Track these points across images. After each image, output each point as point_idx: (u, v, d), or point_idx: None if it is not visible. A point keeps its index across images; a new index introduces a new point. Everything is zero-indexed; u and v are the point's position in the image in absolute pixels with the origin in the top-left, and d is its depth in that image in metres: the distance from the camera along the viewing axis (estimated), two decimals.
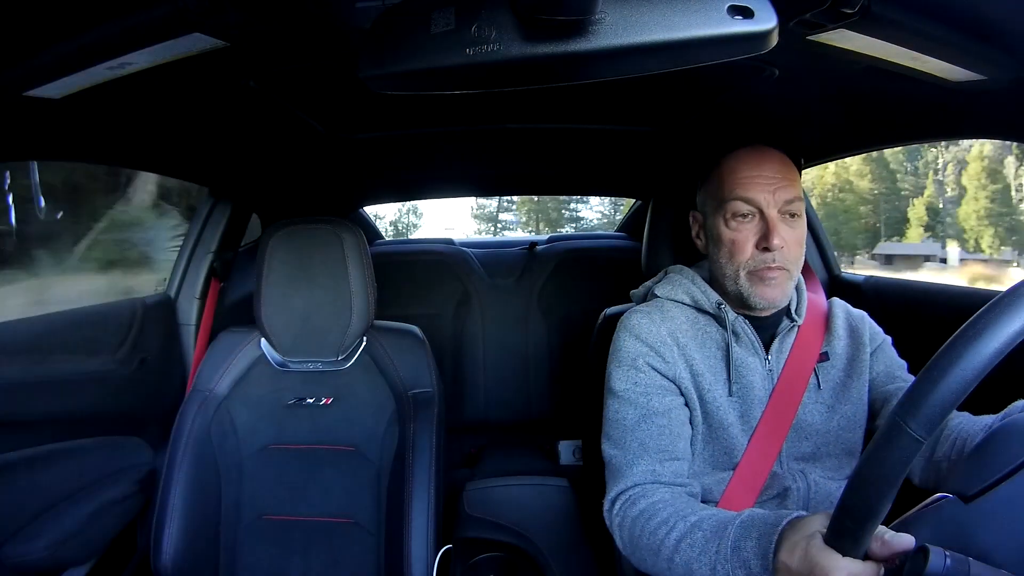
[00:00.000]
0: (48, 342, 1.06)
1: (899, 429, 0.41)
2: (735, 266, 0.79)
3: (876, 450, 0.43)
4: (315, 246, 1.08)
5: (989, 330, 0.39)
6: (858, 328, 0.87)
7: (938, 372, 0.40)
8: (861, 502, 0.43)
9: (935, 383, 0.40)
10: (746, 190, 0.78)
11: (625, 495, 0.76)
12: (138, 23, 0.59)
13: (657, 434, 0.78)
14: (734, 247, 0.79)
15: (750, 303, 0.80)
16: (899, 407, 0.42)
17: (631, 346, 0.83)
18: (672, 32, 0.46)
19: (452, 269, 2.09)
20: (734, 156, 0.81)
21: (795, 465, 0.80)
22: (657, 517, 0.70)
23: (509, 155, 1.53)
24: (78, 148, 0.97)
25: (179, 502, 1.02)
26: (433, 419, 1.05)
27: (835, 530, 0.47)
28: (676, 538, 0.66)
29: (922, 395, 0.41)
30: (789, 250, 0.78)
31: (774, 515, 0.59)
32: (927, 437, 0.40)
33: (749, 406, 0.80)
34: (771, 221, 0.77)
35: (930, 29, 0.61)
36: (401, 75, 0.50)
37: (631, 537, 0.73)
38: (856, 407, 0.82)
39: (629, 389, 0.81)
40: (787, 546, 0.53)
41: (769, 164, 0.79)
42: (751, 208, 0.78)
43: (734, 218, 0.79)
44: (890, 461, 0.41)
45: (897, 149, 9.34)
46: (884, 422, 0.43)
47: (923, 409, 0.40)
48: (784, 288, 0.79)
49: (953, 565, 0.39)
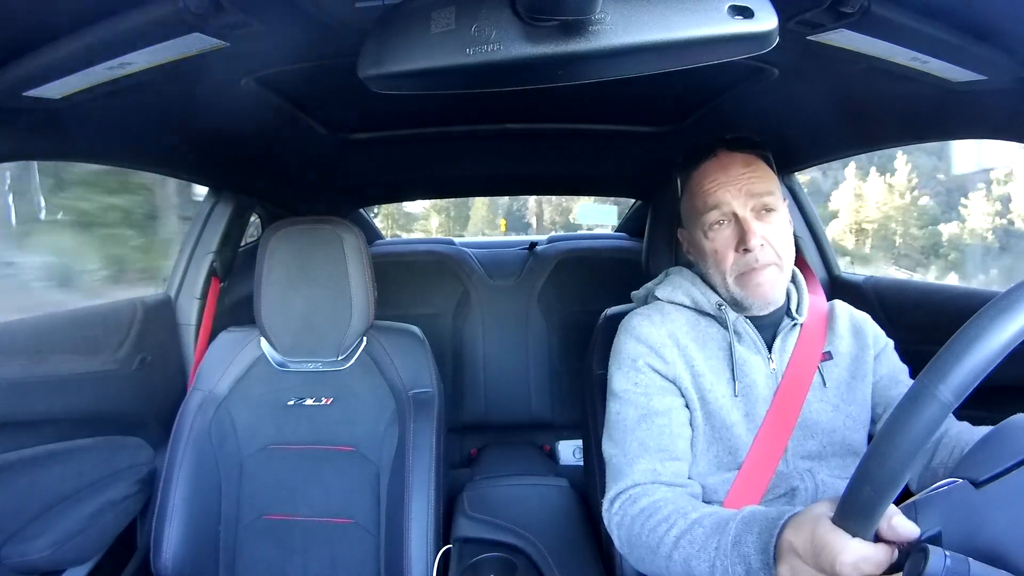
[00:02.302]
0: (48, 342, 1.06)
1: (928, 393, 0.40)
2: (721, 274, 0.81)
3: (902, 414, 0.41)
4: (315, 246, 1.08)
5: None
6: (862, 329, 0.87)
7: (969, 338, 0.40)
8: (883, 468, 0.42)
9: (967, 348, 0.39)
10: (714, 198, 0.79)
11: (625, 494, 0.76)
12: (138, 23, 0.59)
13: (657, 434, 0.78)
14: (716, 256, 0.80)
15: (745, 305, 0.81)
16: (927, 373, 0.41)
17: (631, 347, 0.83)
18: (672, 32, 0.46)
19: (452, 269, 2.09)
20: (699, 170, 0.83)
21: (802, 464, 0.80)
22: (658, 515, 0.70)
23: (509, 155, 1.53)
24: (78, 148, 0.97)
25: (179, 502, 1.02)
26: (433, 419, 1.05)
27: (847, 506, 0.46)
28: (676, 535, 0.66)
29: (953, 359, 0.40)
30: (771, 246, 0.78)
31: (776, 511, 0.59)
32: (955, 403, 0.39)
33: (753, 405, 0.80)
34: (744, 222, 0.77)
35: (930, 29, 0.61)
36: (401, 75, 0.50)
37: (630, 536, 0.73)
38: (860, 408, 0.82)
39: (629, 390, 0.81)
40: (792, 526, 0.52)
41: (732, 166, 0.80)
42: (723, 214, 0.79)
43: (711, 228, 0.80)
44: (917, 426, 0.40)
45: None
46: (909, 388, 0.42)
47: (953, 373, 0.39)
48: (776, 284, 0.80)
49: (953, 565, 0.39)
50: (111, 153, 1.05)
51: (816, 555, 0.47)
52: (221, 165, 1.30)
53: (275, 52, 0.74)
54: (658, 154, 1.44)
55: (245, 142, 1.19)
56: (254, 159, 1.33)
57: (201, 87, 0.83)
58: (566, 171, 1.78)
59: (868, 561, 0.44)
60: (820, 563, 0.47)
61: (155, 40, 0.62)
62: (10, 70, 0.65)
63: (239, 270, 1.52)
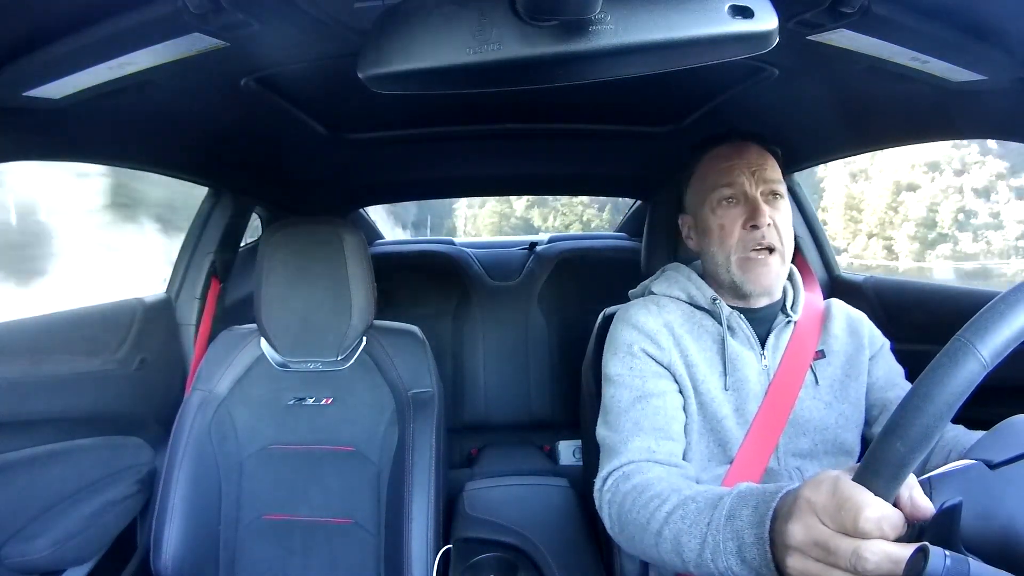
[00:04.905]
0: (48, 342, 1.06)
1: (967, 349, 0.39)
2: (726, 252, 0.82)
3: (940, 367, 0.40)
4: (315, 246, 1.08)
5: None
6: (858, 330, 0.87)
7: (1013, 301, 0.40)
8: (916, 424, 0.40)
9: (1007, 312, 0.39)
10: (728, 176, 0.81)
11: (619, 471, 0.74)
12: (138, 23, 0.59)
13: (652, 414, 0.78)
14: (722, 232, 0.81)
15: (744, 291, 0.82)
16: (967, 329, 0.40)
17: (626, 334, 0.84)
18: (672, 32, 0.46)
19: (452, 269, 2.09)
20: (713, 151, 0.85)
21: (792, 461, 0.80)
22: (650, 491, 0.67)
23: (509, 155, 1.53)
24: (78, 148, 0.97)
25: (179, 502, 1.02)
26: (433, 419, 1.05)
27: (874, 462, 0.43)
28: (668, 510, 0.63)
29: (993, 320, 0.40)
30: (777, 229, 0.80)
31: (774, 486, 0.56)
32: (990, 365, 0.39)
33: (744, 400, 0.80)
34: (755, 201, 0.80)
35: (930, 29, 0.61)
36: (401, 75, 0.50)
37: (620, 513, 0.70)
38: (854, 407, 0.82)
39: (624, 374, 0.82)
40: (811, 484, 0.48)
41: (747, 152, 0.83)
42: (734, 192, 0.81)
43: (719, 205, 0.82)
44: (954, 381, 0.39)
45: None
46: (948, 345, 0.41)
47: (992, 334, 0.39)
48: (777, 273, 0.81)
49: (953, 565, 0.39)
50: (111, 153, 1.05)
51: (837, 510, 0.44)
52: (221, 165, 1.30)
53: (275, 52, 0.74)
54: (658, 154, 1.44)
55: (245, 142, 1.19)
56: (254, 159, 1.33)
57: (201, 87, 0.83)
58: (566, 171, 1.78)
59: (888, 521, 0.42)
60: (842, 518, 0.43)
61: (155, 40, 0.62)
62: (10, 70, 0.65)
63: (239, 270, 1.53)
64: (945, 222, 14.67)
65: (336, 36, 0.68)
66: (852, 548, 0.43)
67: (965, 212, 14.64)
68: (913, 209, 14.96)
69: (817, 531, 0.46)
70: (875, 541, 0.42)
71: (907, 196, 15.15)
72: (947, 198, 14.91)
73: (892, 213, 15.06)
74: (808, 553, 0.47)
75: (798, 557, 0.48)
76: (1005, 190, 14.49)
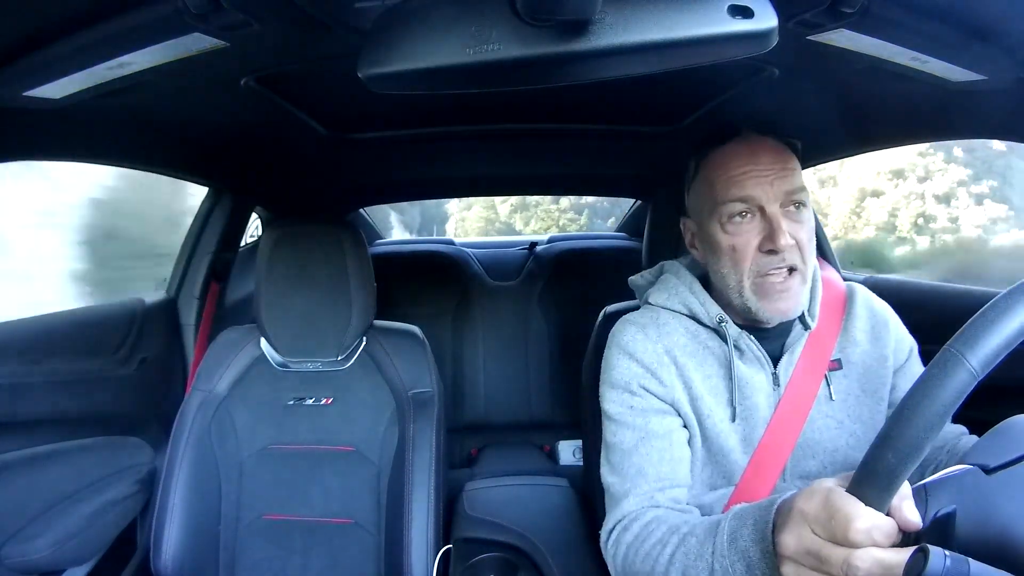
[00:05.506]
0: (48, 342, 1.06)
1: (956, 360, 0.39)
2: (739, 275, 0.71)
3: (929, 379, 0.40)
4: (315, 246, 1.08)
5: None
6: (881, 334, 0.77)
7: (1002, 308, 0.39)
8: (907, 435, 0.40)
9: (996, 320, 0.39)
10: (741, 187, 0.69)
11: (620, 524, 0.72)
12: (138, 23, 0.59)
13: (657, 459, 0.73)
14: (735, 253, 0.70)
15: (759, 318, 0.72)
16: (956, 340, 0.40)
17: (625, 367, 0.77)
18: (672, 32, 0.46)
19: (452, 269, 2.09)
20: (721, 152, 0.73)
21: (800, 484, 0.74)
22: (651, 539, 0.66)
23: (509, 155, 1.53)
24: (78, 148, 0.97)
25: (179, 502, 1.02)
26: (433, 419, 1.05)
27: (866, 473, 0.44)
28: (670, 553, 0.62)
29: (982, 330, 0.39)
30: (799, 247, 0.69)
31: (767, 500, 0.56)
32: (981, 374, 0.39)
33: (753, 428, 0.74)
34: (774, 218, 0.68)
35: (930, 29, 0.61)
36: (401, 75, 0.50)
37: (624, 565, 0.69)
38: (867, 428, 0.74)
39: (624, 412, 0.76)
40: (804, 495, 0.49)
41: (763, 154, 0.70)
42: (748, 207, 0.69)
43: (731, 220, 0.70)
44: (944, 393, 0.39)
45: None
46: (938, 356, 0.40)
47: (981, 344, 0.39)
48: (798, 297, 0.71)
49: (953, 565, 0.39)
50: (111, 153, 1.05)
51: (828, 520, 0.45)
52: (221, 165, 1.30)
53: (275, 52, 0.74)
54: (658, 154, 1.44)
55: (245, 142, 1.19)
56: (254, 159, 1.33)
57: (201, 87, 0.83)
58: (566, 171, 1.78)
59: (880, 530, 0.43)
60: (832, 529, 0.44)
61: (155, 40, 0.62)
62: (10, 70, 0.65)
63: (239, 270, 1.53)
64: (904, 226, 15.02)
65: (336, 36, 0.68)
66: (843, 557, 0.44)
67: (925, 217, 14.99)
68: (875, 214, 15.32)
69: (809, 540, 0.47)
70: (866, 549, 0.43)
71: (871, 202, 15.51)
72: (908, 204, 15.25)
73: (855, 218, 15.40)
74: (801, 562, 0.48)
75: (792, 566, 0.49)
76: (965, 196, 14.82)
